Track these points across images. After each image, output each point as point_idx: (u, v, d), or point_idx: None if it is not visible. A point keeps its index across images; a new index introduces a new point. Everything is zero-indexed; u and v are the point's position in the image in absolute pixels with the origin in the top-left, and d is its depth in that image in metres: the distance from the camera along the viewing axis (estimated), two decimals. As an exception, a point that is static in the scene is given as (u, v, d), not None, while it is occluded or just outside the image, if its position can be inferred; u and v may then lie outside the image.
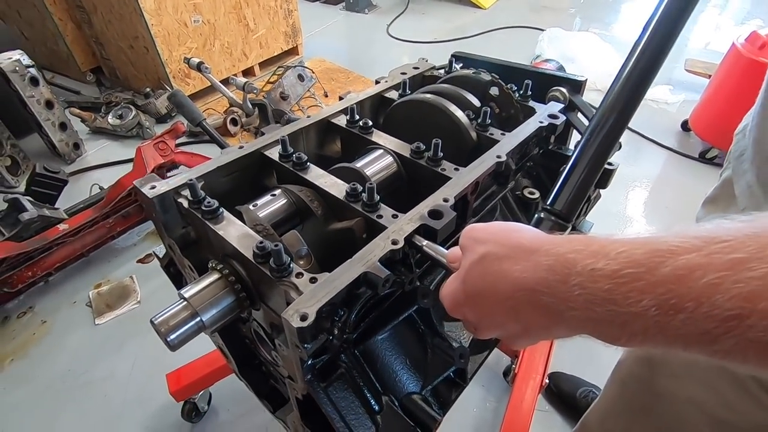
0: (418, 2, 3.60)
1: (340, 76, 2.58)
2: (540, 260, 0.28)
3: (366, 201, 0.41)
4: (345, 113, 0.57)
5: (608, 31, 3.22)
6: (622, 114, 0.42)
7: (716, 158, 1.87)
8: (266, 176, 0.52)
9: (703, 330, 0.21)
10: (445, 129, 0.54)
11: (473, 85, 0.61)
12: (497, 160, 0.48)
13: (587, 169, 0.38)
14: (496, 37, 3.06)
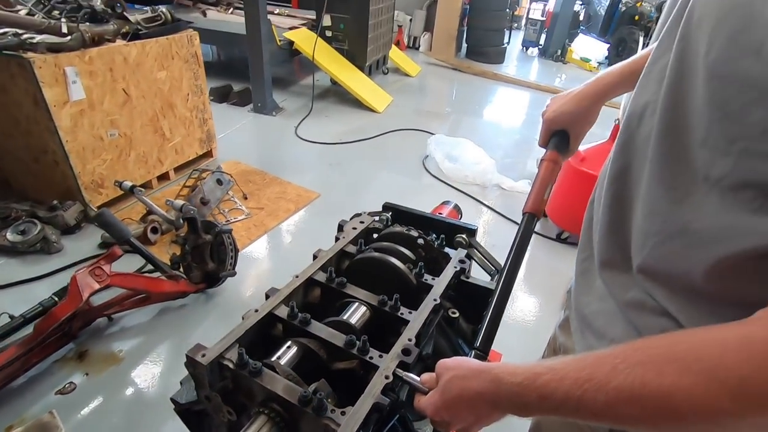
0: (321, 106, 4.06)
1: (257, 178, 2.78)
2: (486, 378, 0.47)
3: (360, 347, 0.63)
4: (323, 270, 0.79)
5: (478, 136, 3.96)
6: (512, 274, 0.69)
7: (569, 239, 2.44)
8: (272, 328, 0.70)
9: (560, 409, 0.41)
10: (393, 278, 0.79)
11: (406, 240, 0.88)
12: (435, 302, 0.73)
13: (496, 314, 0.64)
14: (392, 138, 3.59)
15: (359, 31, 4.23)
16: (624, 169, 0.52)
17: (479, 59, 6.10)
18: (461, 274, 0.85)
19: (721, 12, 0.38)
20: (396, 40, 5.73)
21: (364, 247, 0.87)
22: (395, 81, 5.05)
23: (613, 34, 6.33)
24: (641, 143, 0.49)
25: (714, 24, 0.38)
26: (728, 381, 0.32)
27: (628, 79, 0.70)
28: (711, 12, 0.39)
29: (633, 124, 0.51)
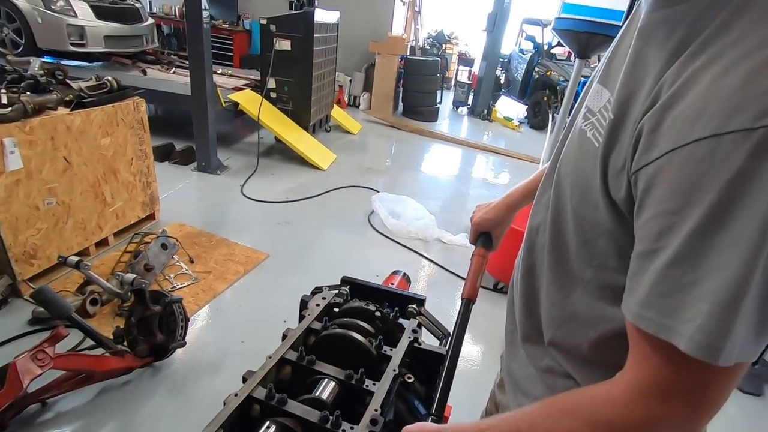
0: (266, 164, 4.15)
1: (203, 240, 2.76)
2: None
3: (333, 422, 0.71)
4: (294, 349, 0.87)
5: (417, 191, 4.23)
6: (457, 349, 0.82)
7: (503, 288, 2.67)
8: (250, 409, 0.76)
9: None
10: (356, 352, 0.89)
11: (365, 314, 1.00)
12: (394, 372, 0.84)
13: (447, 382, 0.76)
14: (337, 196, 3.74)
15: (303, 93, 4.45)
16: (531, 268, 0.69)
17: (415, 117, 6.59)
18: (414, 342, 0.97)
19: (574, 176, 0.56)
20: (337, 99, 6.05)
21: (328, 323, 0.97)
22: (338, 138, 5.30)
23: (529, 98, 7.17)
24: (539, 250, 0.67)
25: (572, 182, 0.57)
26: (600, 423, 0.45)
27: (528, 195, 0.94)
28: (568, 173, 0.58)
29: (533, 235, 0.69)
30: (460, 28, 9.94)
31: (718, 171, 0.35)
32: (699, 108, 0.37)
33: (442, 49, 8.48)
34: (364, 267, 2.77)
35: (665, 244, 0.39)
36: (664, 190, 0.39)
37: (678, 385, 0.41)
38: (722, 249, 0.36)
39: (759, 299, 0.36)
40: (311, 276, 2.61)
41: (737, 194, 0.35)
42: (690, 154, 0.37)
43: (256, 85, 4.87)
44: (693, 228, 0.37)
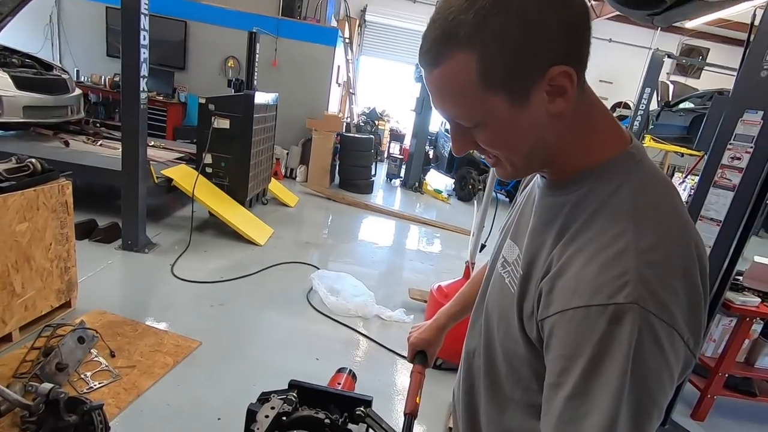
0: (199, 239, 4.02)
1: (127, 329, 2.56)
2: None
3: None
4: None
5: (355, 264, 4.31)
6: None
7: (443, 365, 2.74)
8: None
9: None
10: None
11: (315, 423, 1.01)
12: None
13: None
14: (275, 272, 3.69)
15: (241, 169, 4.49)
16: (470, 387, 0.79)
17: (351, 190, 6.83)
18: (365, 449, 1.00)
19: (499, 313, 0.68)
20: (274, 171, 6.14)
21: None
22: (275, 211, 5.31)
23: (456, 172, 7.81)
24: (476, 372, 0.76)
25: (497, 317, 0.69)
26: None
27: (453, 317, 1.08)
28: (494, 309, 0.71)
29: (470, 358, 0.79)
30: (391, 107, 10.78)
31: (590, 331, 0.48)
32: (574, 284, 0.50)
33: (375, 125, 9.07)
34: (304, 349, 2.71)
35: (565, 380, 0.49)
36: (559, 339, 0.51)
37: None
38: (598, 391, 0.47)
39: (626, 425, 0.46)
40: (248, 364, 2.50)
41: (603, 350, 0.47)
42: (572, 316, 0.49)
43: (191, 157, 4.83)
44: (580, 372, 0.48)
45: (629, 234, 0.49)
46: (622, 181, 0.54)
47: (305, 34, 6.76)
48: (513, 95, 0.51)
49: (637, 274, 0.47)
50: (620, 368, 0.46)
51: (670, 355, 0.47)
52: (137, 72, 3.27)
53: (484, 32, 0.47)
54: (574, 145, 0.56)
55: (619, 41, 10.67)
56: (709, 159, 2.25)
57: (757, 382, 2.78)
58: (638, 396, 0.46)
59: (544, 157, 0.58)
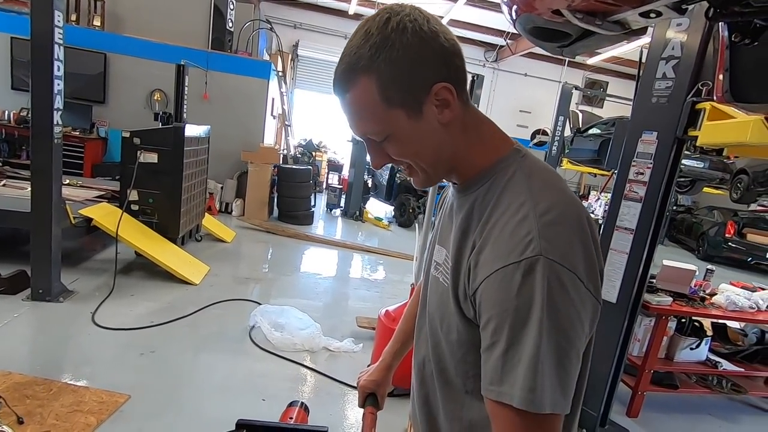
0: (125, 283, 3.69)
1: (39, 390, 2.24)
2: None
3: None
4: None
5: (298, 297, 4.18)
6: None
7: (395, 391, 2.69)
8: None
9: None
10: None
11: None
12: None
13: None
14: (212, 312, 3.47)
15: (171, 205, 4.24)
16: (425, 397, 0.80)
17: (291, 221, 6.70)
18: (322, 484, 0.95)
19: (439, 311, 0.73)
20: (207, 206, 5.87)
21: (227, 483, 0.89)
22: (210, 247, 5.05)
23: (395, 199, 7.98)
24: (429, 379, 0.79)
25: (439, 316, 0.73)
26: None
27: (399, 352, 1.11)
28: (435, 310, 0.75)
29: (421, 368, 0.81)
30: (327, 138, 10.87)
31: (510, 287, 0.57)
32: (494, 252, 0.60)
33: (312, 156, 9.07)
34: (248, 392, 2.54)
35: (498, 338, 0.58)
36: (488, 302, 0.59)
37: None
38: (526, 338, 0.55)
39: (550, 364, 0.55)
40: (186, 414, 2.28)
41: (522, 301, 0.56)
42: (494, 278, 0.58)
43: (113, 195, 4.49)
44: (509, 325, 0.56)
45: (528, 203, 0.60)
46: (515, 169, 0.66)
47: (237, 67, 6.70)
48: (409, 109, 0.64)
49: (538, 232, 0.57)
50: (538, 314, 0.55)
51: (575, 298, 0.57)
52: (50, 104, 3.02)
53: (378, 61, 0.61)
54: (469, 150, 0.69)
55: (534, 75, 11.77)
56: (618, 176, 2.51)
57: (677, 375, 3.05)
58: (556, 338, 0.55)
59: (447, 163, 0.70)
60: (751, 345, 3.30)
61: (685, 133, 2.21)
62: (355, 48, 0.62)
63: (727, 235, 8.29)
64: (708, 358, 3.09)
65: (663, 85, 2.30)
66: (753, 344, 3.30)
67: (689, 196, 10.79)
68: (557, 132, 9.13)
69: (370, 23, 0.62)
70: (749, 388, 3.15)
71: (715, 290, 3.12)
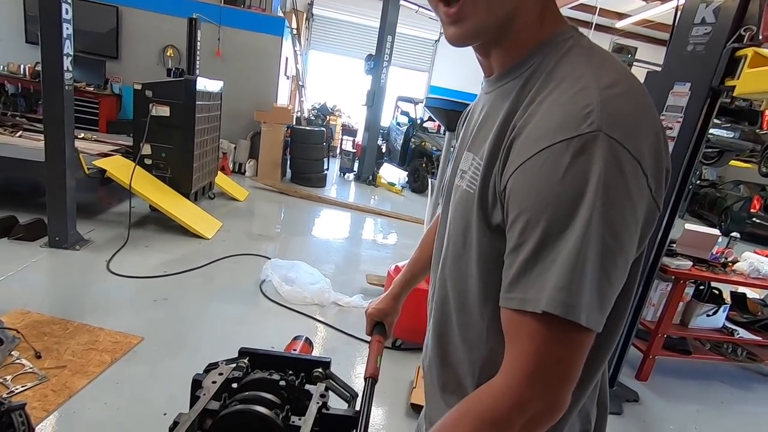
0: (139, 235, 3.74)
1: (56, 329, 2.31)
2: None
3: None
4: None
5: (310, 255, 4.19)
6: None
7: (402, 345, 2.71)
8: None
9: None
10: (262, 428, 0.82)
11: (269, 385, 0.93)
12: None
13: None
14: (223, 266, 3.50)
15: (183, 160, 4.23)
16: (441, 324, 0.72)
17: (304, 183, 6.68)
18: (323, 408, 0.93)
19: (460, 228, 0.62)
20: (221, 166, 5.86)
21: (228, 400, 0.88)
22: (223, 205, 5.07)
23: (409, 165, 7.86)
24: (445, 303, 0.70)
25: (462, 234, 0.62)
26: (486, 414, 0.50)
27: (409, 282, 1.06)
28: (457, 227, 0.63)
29: (437, 292, 0.73)
30: (342, 102, 10.68)
31: (554, 172, 0.45)
32: (537, 132, 0.49)
33: (326, 120, 8.95)
34: (258, 339, 2.58)
35: (528, 237, 0.47)
36: (521, 193, 0.48)
37: (539, 363, 0.47)
38: (567, 232, 0.45)
39: (593, 266, 0.45)
40: (197, 357, 2.33)
41: (568, 187, 0.45)
42: (534, 161, 0.47)
43: (127, 150, 4.50)
44: (547, 218, 0.46)
45: (589, 76, 0.49)
46: (573, 44, 0.55)
47: (250, 23, 6.52)
48: None
49: (600, 103, 0.46)
50: (588, 206, 0.44)
51: (634, 191, 0.46)
52: (60, 49, 2.97)
53: None
54: (531, 12, 0.56)
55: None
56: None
57: (690, 341, 2.99)
58: (604, 237, 0.45)
59: (505, 13, 0.55)
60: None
61: (721, 83, 2.06)
62: None
63: (752, 210, 8.00)
64: (724, 326, 3.01)
65: (701, 31, 2.13)
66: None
67: (715, 169, 10.41)
68: (580, 99, 8.79)
69: None
70: (765, 357, 3.08)
71: (737, 258, 3.01)
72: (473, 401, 0.54)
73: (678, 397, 2.81)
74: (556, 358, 0.47)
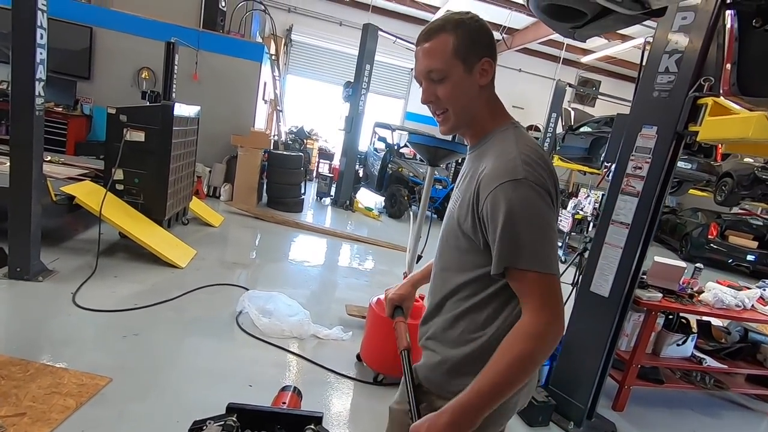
0: (108, 264, 3.58)
1: (15, 371, 2.15)
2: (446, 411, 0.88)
3: None
4: None
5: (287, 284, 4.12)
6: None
7: (384, 380, 2.67)
8: None
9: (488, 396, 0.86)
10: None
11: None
12: None
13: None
14: (198, 296, 3.38)
15: (158, 186, 4.11)
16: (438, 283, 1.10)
17: (280, 208, 6.60)
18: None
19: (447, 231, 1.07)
20: (195, 190, 5.73)
21: (218, 467, 0.84)
22: (197, 231, 4.94)
23: (386, 190, 7.92)
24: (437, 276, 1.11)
25: (446, 234, 1.07)
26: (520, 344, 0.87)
27: (424, 277, 1.30)
28: (446, 231, 1.08)
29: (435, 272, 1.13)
30: (319, 126, 10.73)
31: (506, 199, 0.88)
32: (489, 178, 0.92)
33: (303, 144, 8.95)
34: (235, 377, 2.48)
35: (503, 234, 0.88)
36: (492, 213, 0.90)
37: (544, 297, 0.87)
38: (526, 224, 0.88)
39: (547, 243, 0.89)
40: (169, 398, 2.22)
41: (514, 205, 0.87)
42: (495, 194, 0.89)
43: (97, 174, 4.35)
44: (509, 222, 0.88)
45: (515, 150, 0.93)
46: (512, 133, 1.00)
47: (229, 48, 6.53)
48: (465, 64, 0.97)
49: (522, 164, 0.90)
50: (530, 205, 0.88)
51: (545, 200, 0.90)
52: (32, 74, 2.88)
53: (458, 29, 0.96)
54: (485, 113, 1.03)
55: (528, 71, 11.77)
56: (616, 170, 2.50)
57: (662, 371, 3.08)
58: (539, 222, 0.88)
59: (470, 116, 1.03)
60: (735, 342, 3.36)
61: (685, 128, 2.20)
62: (443, 20, 0.98)
63: (710, 237, 8.44)
64: (693, 355, 3.13)
65: (665, 79, 2.28)
66: (736, 342, 3.36)
67: (675, 197, 10.97)
68: (549, 129, 9.16)
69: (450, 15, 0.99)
70: (731, 384, 3.21)
71: (702, 288, 3.16)
72: (507, 342, 0.87)
73: (652, 427, 2.87)
74: (551, 294, 0.89)
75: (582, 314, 2.62)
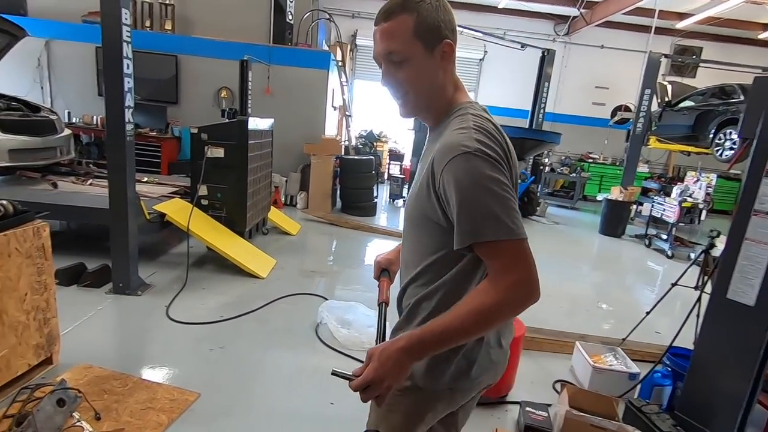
0: (197, 276, 3.75)
1: (116, 385, 2.26)
2: (402, 338, 0.87)
3: None
4: None
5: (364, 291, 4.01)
6: None
7: (473, 400, 2.41)
8: None
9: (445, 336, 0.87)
10: None
11: None
12: None
13: None
14: (280, 306, 3.40)
15: (238, 199, 4.26)
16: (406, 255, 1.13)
17: (354, 213, 6.60)
18: None
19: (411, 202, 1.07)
20: (274, 200, 5.92)
21: None
22: (277, 241, 5.06)
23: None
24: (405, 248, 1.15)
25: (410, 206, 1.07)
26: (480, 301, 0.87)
27: None
28: (411, 202, 1.08)
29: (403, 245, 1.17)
30: (387, 128, 10.67)
31: (462, 168, 0.88)
32: (441, 153, 0.92)
33: (373, 147, 8.92)
34: (316, 392, 2.40)
35: (462, 207, 0.88)
36: (449, 186, 0.89)
37: (513, 260, 0.86)
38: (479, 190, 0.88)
39: (508, 208, 0.87)
40: (254, 414, 2.19)
41: (469, 176, 0.87)
42: (448, 168, 0.89)
43: (186, 191, 4.62)
44: (468, 195, 0.88)
45: (465, 123, 0.94)
46: (467, 111, 0.99)
47: (298, 59, 6.67)
48: (426, 46, 0.95)
49: (472, 137, 0.90)
50: (485, 175, 0.87)
51: (498, 168, 0.89)
52: (122, 102, 3.09)
53: (418, 8, 0.94)
54: (447, 96, 1.03)
55: (612, 47, 10.63)
56: (757, 146, 2.01)
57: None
58: (496, 190, 0.87)
59: (429, 99, 1.02)
60: None
61: None
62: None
63: None
64: None
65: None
66: None
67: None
68: (643, 107, 8.15)
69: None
70: None
71: None
72: (470, 299, 0.88)
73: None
74: (521, 258, 0.87)
75: (717, 326, 2.15)
